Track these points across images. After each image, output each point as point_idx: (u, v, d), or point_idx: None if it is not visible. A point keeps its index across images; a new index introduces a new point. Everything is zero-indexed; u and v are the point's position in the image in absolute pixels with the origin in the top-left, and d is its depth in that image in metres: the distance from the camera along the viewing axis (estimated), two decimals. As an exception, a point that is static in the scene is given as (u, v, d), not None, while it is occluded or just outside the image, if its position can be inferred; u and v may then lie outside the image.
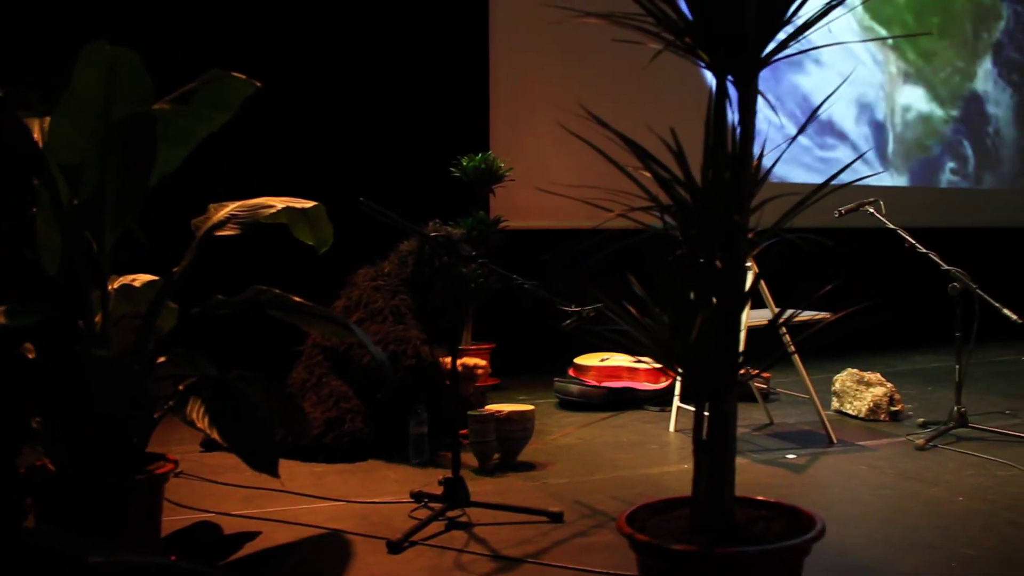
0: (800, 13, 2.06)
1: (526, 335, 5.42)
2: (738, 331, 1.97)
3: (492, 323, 5.69)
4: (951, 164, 8.58)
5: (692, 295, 1.93)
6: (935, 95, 8.45)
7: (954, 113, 8.55)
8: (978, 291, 4.04)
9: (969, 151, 8.65)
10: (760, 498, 2.12)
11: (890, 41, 8.09)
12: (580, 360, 5.22)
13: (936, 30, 8.37)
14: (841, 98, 7.87)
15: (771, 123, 6.99)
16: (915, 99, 8.34)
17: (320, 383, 4.12)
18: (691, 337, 1.79)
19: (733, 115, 2.02)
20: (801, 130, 2.13)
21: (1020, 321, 3.96)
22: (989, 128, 8.76)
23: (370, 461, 3.88)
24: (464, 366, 4.14)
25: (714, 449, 1.98)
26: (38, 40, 4.71)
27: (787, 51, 2.07)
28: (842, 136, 7.93)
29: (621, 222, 2.05)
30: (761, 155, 2.10)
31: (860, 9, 7.92)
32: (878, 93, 8.14)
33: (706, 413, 1.98)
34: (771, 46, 2.03)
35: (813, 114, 2.24)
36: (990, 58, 8.74)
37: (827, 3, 2.04)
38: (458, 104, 6.11)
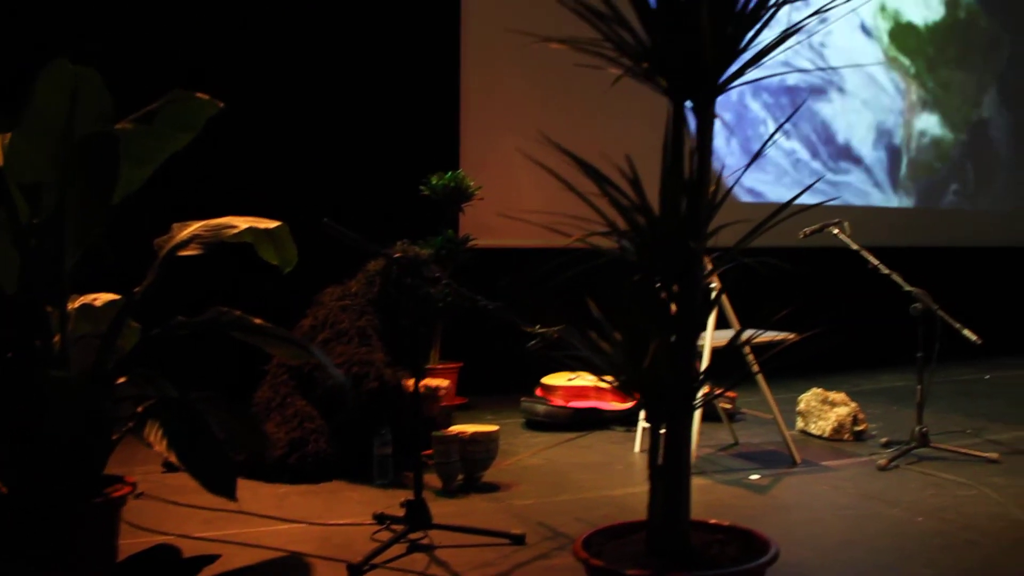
0: (759, 39, 2.09)
1: (494, 354, 5.42)
2: (693, 355, 1.98)
3: (460, 342, 5.68)
4: (954, 186, 8.86)
5: (648, 320, 1.94)
6: (947, 121, 8.75)
7: (962, 138, 8.85)
8: (940, 312, 4.09)
9: (971, 174, 8.94)
10: (713, 521, 2.13)
11: (912, 71, 8.47)
12: (547, 380, 5.22)
13: (954, 60, 8.74)
14: (861, 125, 8.18)
15: (778, 147, 7.21)
16: (930, 125, 8.64)
17: (284, 403, 4.10)
18: (644, 363, 1.80)
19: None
20: (756, 156, 2.15)
21: (980, 342, 4.00)
22: (989, 152, 9.05)
23: (334, 482, 3.86)
24: (427, 387, 4.13)
25: (670, 473, 1.99)
26: None
27: (744, 78, 2.10)
28: (857, 161, 8.19)
29: (589, 242, 2.06)
30: (719, 180, 2.12)
31: (886, 40, 8.28)
32: (897, 120, 8.42)
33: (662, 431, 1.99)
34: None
35: (769, 139, 2.27)
36: (996, 86, 9.05)
37: (783, 32, 2.07)
38: (428, 122, 6.12)
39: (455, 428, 3.88)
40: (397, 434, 3.84)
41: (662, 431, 2.00)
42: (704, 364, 3.82)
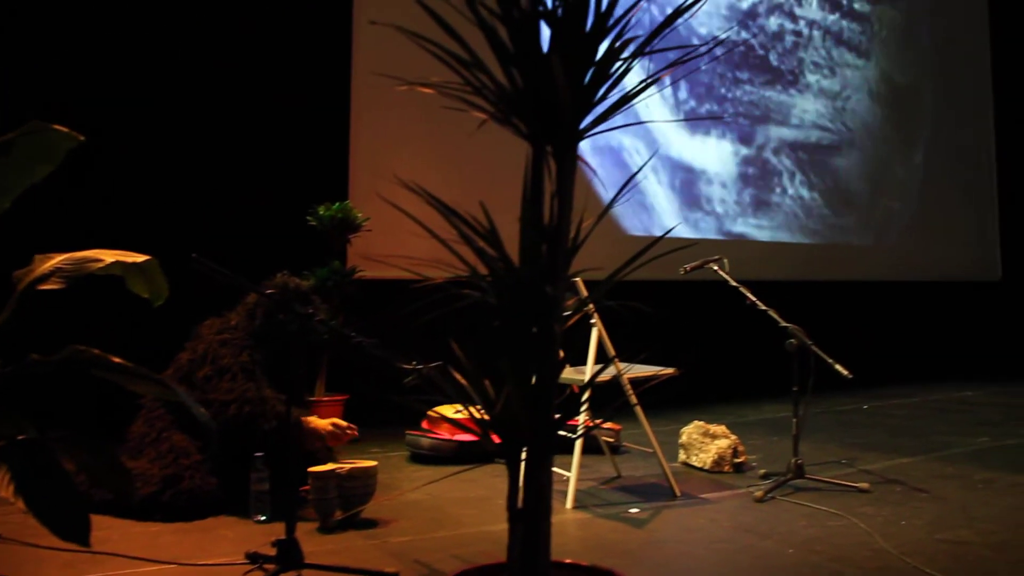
0: (622, 85, 2.14)
1: (380, 386, 5.37)
2: (552, 397, 2.00)
3: (346, 375, 5.62)
4: (895, 225, 9.96)
5: (505, 362, 1.95)
6: (907, 167, 10.07)
7: (903, 181, 10.07)
8: (813, 347, 4.21)
9: (897, 215, 10.00)
10: (569, 561, 2.14)
11: (903, 127, 10.06)
12: (433, 412, 5.19)
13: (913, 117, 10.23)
14: (863, 174, 9.56)
15: (788, 192, 7.97)
16: (903, 173, 10.01)
17: (160, 438, 3.98)
18: (496, 409, 1.81)
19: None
20: (615, 199, 2.18)
21: (850, 376, 4.12)
22: (916, 201, 10.14)
23: (211, 519, 3.77)
24: (336, 425, 4.07)
25: (528, 515, 1.99)
26: None
27: (604, 125, 2.14)
28: (855, 205, 9.49)
29: (453, 285, 2.07)
30: (580, 223, 2.15)
31: (893, 105, 9.88)
32: (887, 167, 9.78)
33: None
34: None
35: (628, 181, 2.30)
36: (927, 141, 10.32)
37: (641, 82, 2.12)
38: (317, 152, 6.08)
39: (332, 464, 3.84)
40: (277, 470, 3.76)
41: (522, 470, 2.01)
42: (582, 398, 3.86)
